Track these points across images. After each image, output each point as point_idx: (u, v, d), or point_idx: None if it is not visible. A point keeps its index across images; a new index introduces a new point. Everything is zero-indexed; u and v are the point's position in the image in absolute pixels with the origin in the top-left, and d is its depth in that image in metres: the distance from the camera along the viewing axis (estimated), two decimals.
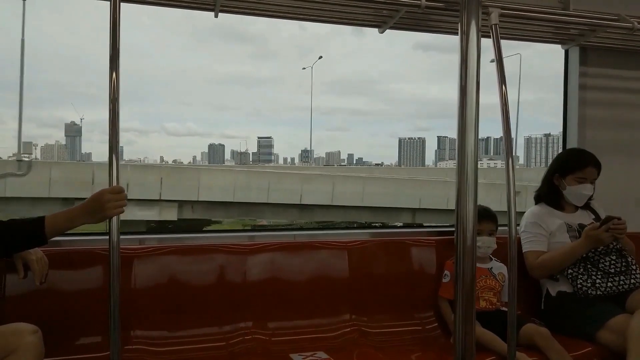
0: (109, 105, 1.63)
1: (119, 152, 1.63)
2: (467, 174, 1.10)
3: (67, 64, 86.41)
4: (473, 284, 1.11)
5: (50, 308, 1.86)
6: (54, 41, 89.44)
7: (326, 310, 2.20)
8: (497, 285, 2.24)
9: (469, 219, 1.10)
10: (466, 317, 1.09)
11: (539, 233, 2.29)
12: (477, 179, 1.13)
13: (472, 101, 1.11)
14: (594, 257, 2.20)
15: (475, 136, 1.12)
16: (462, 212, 1.10)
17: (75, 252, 1.95)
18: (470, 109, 1.11)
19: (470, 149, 1.11)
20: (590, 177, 2.30)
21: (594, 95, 2.75)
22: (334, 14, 2.19)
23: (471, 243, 1.10)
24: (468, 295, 1.10)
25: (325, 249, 2.26)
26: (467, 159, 1.10)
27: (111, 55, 1.65)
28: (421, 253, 2.37)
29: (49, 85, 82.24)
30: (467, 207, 1.10)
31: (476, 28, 1.11)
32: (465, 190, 1.10)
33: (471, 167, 1.11)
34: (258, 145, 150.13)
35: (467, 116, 1.11)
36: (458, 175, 1.12)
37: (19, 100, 17.49)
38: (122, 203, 1.54)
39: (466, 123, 1.10)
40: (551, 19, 2.33)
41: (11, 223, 1.53)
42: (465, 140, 1.11)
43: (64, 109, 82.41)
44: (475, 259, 1.11)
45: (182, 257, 2.08)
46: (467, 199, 1.10)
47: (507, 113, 2.05)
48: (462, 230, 1.10)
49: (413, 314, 2.29)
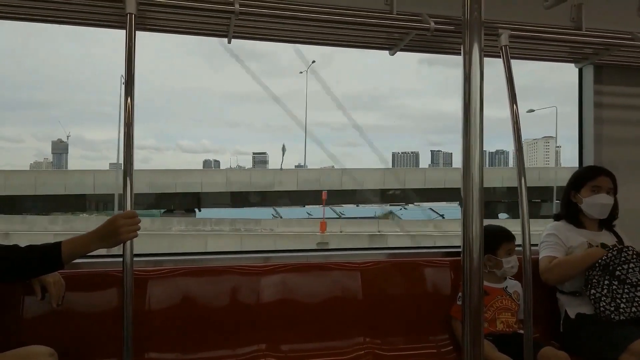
0: (123, 128, 1.68)
1: (132, 177, 1.67)
2: (473, 193, 1.10)
3: (79, 86, 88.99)
4: (481, 307, 1.10)
5: (66, 330, 1.89)
6: (68, 64, 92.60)
7: (340, 332, 2.18)
8: (514, 306, 2.19)
9: (475, 239, 1.09)
10: (474, 342, 1.07)
11: (556, 242, 2.27)
12: (483, 199, 1.12)
13: (476, 120, 1.12)
14: (613, 264, 2.14)
15: (480, 155, 1.11)
16: (468, 233, 1.09)
17: (91, 274, 1.98)
18: (475, 128, 1.11)
19: (475, 168, 1.10)
20: (605, 185, 2.28)
21: (610, 113, 2.71)
22: (347, 37, 2.23)
23: (478, 264, 1.08)
24: (475, 319, 1.09)
25: (339, 270, 2.25)
26: (472, 179, 1.10)
27: (126, 81, 1.71)
28: (435, 274, 2.34)
29: (63, 104, 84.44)
30: (473, 227, 1.09)
31: (478, 48, 1.12)
32: (471, 211, 1.09)
33: (476, 187, 1.10)
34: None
35: (471, 135, 1.11)
36: (464, 195, 1.12)
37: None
38: (136, 227, 1.57)
39: (470, 142, 1.10)
40: (564, 39, 2.32)
41: (29, 249, 1.57)
42: (470, 159, 1.10)
43: (80, 128, 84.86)
44: (482, 281, 1.10)
45: (195, 278, 2.09)
46: (473, 220, 1.10)
47: (519, 131, 2.04)
48: (469, 251, 1.09)
49: (428, 337, 2.26)
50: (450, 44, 2.27)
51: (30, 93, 61.44)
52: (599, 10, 2.37)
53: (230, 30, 2.03)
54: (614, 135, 2.70)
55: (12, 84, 67.80)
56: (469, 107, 1.11)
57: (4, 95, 56.00)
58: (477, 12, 1.12)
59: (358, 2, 2.10)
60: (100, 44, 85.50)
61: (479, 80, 1.12)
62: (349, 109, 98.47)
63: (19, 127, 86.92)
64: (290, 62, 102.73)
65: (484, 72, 1.14)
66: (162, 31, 2.03)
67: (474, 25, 1.13)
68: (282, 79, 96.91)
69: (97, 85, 77.12)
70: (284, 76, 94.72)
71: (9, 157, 49.97)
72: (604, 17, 2.38)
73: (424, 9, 2.10)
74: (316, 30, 2.14)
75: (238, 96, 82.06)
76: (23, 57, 69.72)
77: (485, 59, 1.17)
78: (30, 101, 69.29)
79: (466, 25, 1.13)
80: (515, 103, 2.05)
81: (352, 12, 2.04)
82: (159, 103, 64.14)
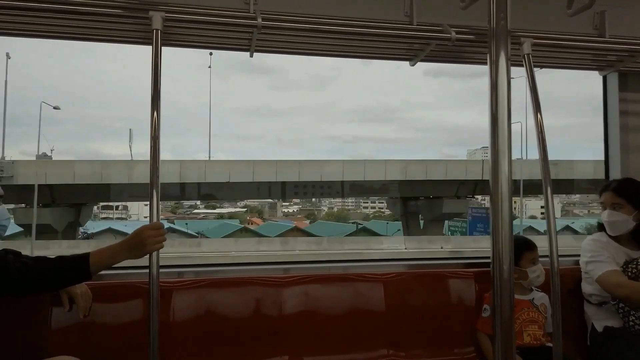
0: (150, 142, 1.71)
1: (159, 189, 1.69)
2: (502, 203, 1.08)
3: (91, 102, 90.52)
4: (512, 320, 1.08)
5: (92, 340, 1.92)
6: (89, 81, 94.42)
7: (362, 344, 2.16)
8: (541, 318, 2.15)
9: (505, 250, 1.07)
10: (506, 356, 1.05)
11: (609, 256, 2.15)
12: (511, 209, 1.10)
13: (504, 130, 1.10)
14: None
15: (508, 166, 1.10)
16: (497, 244, 1.08)
17: (117, 285, 2.01)
18: (503, 138, 1.09)
19: (503, 178, 1.09)
20: (607, 201, 2.23)
21: (636, 121, 2.66)
22: (368, 49, 2.23)
23: (508, 276, 1.07)
24: (507, 332, 1.06)
25: (361, 282, 2.24)
26: (500, 189, 1.08)
27: (152, 96, 1.74)
28: (459, 285, 2.32)
29: (82, 119, 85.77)
30: (502, 238, 1.08)
31: (505, 57, 1.11)
32: (499, 221, 1.08)
33: (505, 197, 1.08)
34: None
35: (500, 145, 1.09)
36: (492, 206, 1.10)
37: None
38: (161, 239, 1.60)
39: (498, 153, 1.09)
40: (587, 46, 2.29)
41: (58, 260, 1.60)
42: (498, 169, 1.09)
43: (100, 142, 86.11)
44: (513, 294, 1.08)
45: (219, 289, 2.11)
46: (502, 230, 1.08)
47: (544, 141, 2.02)
48: (499, 262, 1.07)
49: (453, 349, 2.23)
50: (471, 54, 2.27)
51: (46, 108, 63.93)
52: (623, 17, 2.34)
53: (253, 44, 2.06)
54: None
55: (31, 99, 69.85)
56: (497, 117, 1.10)
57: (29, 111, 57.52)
58: (504, 20, 1.12)
59: (378, 13, 2.11)
60: (112, 59, 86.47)
61: (507, 90, 1.11)
62: (361, 121, 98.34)
63: (34, 144, 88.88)
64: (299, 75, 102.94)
65: (510, 82, 1.13)
66: (186, 46, 2.06)
67: (501, 35, 1.12)
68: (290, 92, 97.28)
69: (108, 101, 78.14)
70: (291, 89, 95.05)
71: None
72: (628, 24, 2.35)
73: (443, 19, 2.11)
74: (337, 43, 2.15)
75: (249, 110, 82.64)
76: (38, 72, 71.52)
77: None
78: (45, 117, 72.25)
79: (492, 34, 1.12)
80: (540, 112, 2.03)
81: (373, 24, 2.05)
82: (172, 117, 65.44)
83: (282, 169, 20.80)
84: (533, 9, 2.27)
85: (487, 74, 1.13)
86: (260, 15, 1.90)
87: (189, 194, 23.21)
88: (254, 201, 47.56)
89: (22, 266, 1.55)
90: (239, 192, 22.76)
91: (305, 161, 21.98)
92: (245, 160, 21.48)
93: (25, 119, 67.01)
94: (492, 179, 1.10)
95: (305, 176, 21.56)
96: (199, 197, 28.36)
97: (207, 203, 39.77)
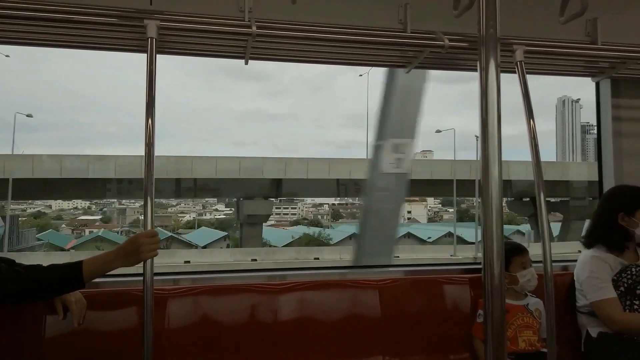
0: (144, 148, 1.71)
1: (153, 196, 1.70)
2: (492, 209, 1.09)
3: (82, 107, 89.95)
4: (503, 325, 1.08)
5: (87, 348, 1.91)
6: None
7: (358, 350, 2.16)
8: (535, 323, 2.16)
9: (495, 255, 1.08)
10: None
11: (609, 280, 2.11)
12: (502, 215, 1.11)
13: (494, 135, 1.11)
14: (634, 283, 2.08)
15: (499, 171, 1.10)
16: (488, 249, 1.08)
17: (112, 293, 2.00)
18: (493, 143, 1.10)
19: (494, 183, 1.09)
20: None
21: (629, 127, 2.68)
22: (362, 56, 2.25)
23: (499, 281, 1.07)
24: (498, 337, 1.07)
25: (356, 288, 2.24)
26: (490, 194, 1.09)
27: (147, 103, 1.75)
28: (454, 291, 2.32)
29: (76, 125, 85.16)
30: (493, 243, 1.08)
31: (495, 63, 1.12)
32: (490, 227, 1.08)
33: (496, 202, 1.09)
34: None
35: (490, 150, 1.10)
36: (483, 211, 1.11)
37: None
38: (156, 247, 1.60)
39: (489, 158, 1.10)
40: (580, 53, 2.31)
41: (51, 268, 1.60)
42: (488, 174, 1.09)
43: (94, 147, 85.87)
44: (504, 299, 1.08)
45: (213, 297, 2.10)
46: (492, 236, 1.08)
47: (537, 146, 2.03)
48: (490, 268, 1.07)
49: (448, 355, 2.22)
50: (464, 61, 2.29)
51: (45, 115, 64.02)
52: (614, 24, 2.37)
53: (247, 52, 2.07)
54: (634, 148, 2.67)
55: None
56: (487, 122, 1.11)
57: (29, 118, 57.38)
58: (493, 28, 1.13)
59: (372, 21, 2.13)
60: (100, 64, 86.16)
61: (496, 96, 1.12)
62: (354, 127, 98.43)
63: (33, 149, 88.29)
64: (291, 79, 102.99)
65: (500, 88, 1.14)
66: (181, 54, 2.08)
67: (490, 42, 1.14)
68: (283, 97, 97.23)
69: (100, 106, 77.91)
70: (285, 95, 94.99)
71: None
72: (620, 31, 2.37)
73: (437, 27, 2.13)
74: (331, 50, 2.17)
75: (243, 115, 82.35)
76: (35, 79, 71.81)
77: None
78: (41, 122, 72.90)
79: (482, 41, 1.14)
80: (532, 118, 2.04)
81: (367, 32, 2.07)
82: (168, 123, 65.10)
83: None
84: (525, 16, 2.29)
85: (477, 79, 1.15)
86: (254, 24, 1.91)
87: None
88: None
89: (16, 275, 1.55)
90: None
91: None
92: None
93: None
94: (482, 183, 1.10)
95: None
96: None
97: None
